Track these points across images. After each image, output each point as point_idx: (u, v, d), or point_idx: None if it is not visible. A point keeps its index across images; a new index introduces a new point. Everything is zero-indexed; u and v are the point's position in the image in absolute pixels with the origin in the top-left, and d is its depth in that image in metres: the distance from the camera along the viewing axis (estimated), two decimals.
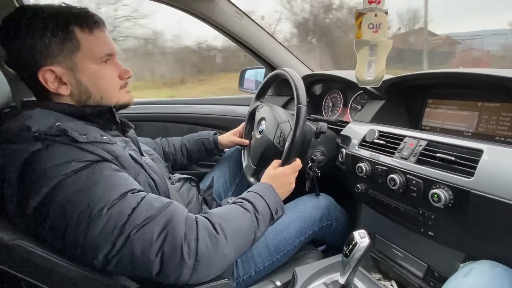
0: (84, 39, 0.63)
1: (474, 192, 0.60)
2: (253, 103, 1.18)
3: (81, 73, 0.64)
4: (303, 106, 0.85)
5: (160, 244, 0.52)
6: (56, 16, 0.61)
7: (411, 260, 0.84)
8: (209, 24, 1.29)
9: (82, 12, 0.64)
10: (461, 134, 0.84)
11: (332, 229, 1.03)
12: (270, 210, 0.71)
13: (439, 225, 0.71)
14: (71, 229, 0.51)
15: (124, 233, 0.51)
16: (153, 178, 0.70)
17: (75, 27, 0.62)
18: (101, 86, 0.67)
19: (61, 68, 0.62)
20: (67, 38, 0.62)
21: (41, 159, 0.53)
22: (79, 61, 0.64)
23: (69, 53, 0.62)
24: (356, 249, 0.67)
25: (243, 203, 0.69)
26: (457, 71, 0.80)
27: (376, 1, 0.67)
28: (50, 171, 0.52)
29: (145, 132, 1.39)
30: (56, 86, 0.63)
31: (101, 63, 0.67)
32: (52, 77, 0.62)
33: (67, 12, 0.63)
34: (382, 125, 0.92)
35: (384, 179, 0.79)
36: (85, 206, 0.51)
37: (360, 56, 0.71)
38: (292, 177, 0.85)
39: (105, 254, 0.51)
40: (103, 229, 0.51)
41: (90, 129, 0.62)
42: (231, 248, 0.59)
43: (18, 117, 0.58)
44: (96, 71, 0.66)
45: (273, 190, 0.76)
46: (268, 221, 0.70)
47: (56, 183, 0.51)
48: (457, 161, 0.66)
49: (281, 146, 0.96)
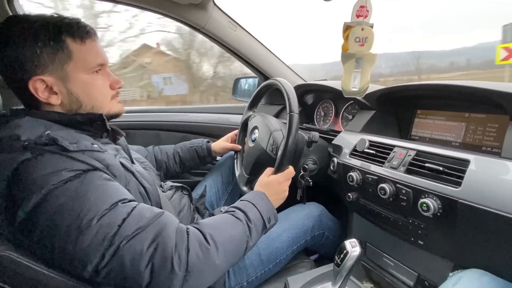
0: (76, 49, 0.64)
1: (461, 202, 0.61)
2: (245, 113, 1.19)
3: (72, 83, 0.64)
4: (295, 114, 0.86)
5: (150, 255, 0.52)
6: (48, 26, 0.61)
7: (401, 269, 0.84)
8: (203, 34, 1.30)
9: (73, 22, 0.64)
10: (449, 144, 0.86)
11: (324, 238, 1.04)
12: (263, 219, 0.71)
13: (429, 234, 0.72)
14: (60, 240, 0.51)
15: (113, 244, 0.51)
16: (144, 186, 0.70)
17: (67, 37, 0.63)
18: (92, 96, 0.68)
19: (52, 77, 0.62)
20: (59, 48, 0.62)
21: (30, 168, 0.52)
22: (70, 71, 0.64)
23: (61, 63, 0.62)
24: (348, 258, 0.67)
25: (235, 212, 0.68)
26: (444, 83, 0.82)
27: (363, 15, 0.69)
28: (39, 181, 0.51)
29: (138, 140, 1.39)
30: (46, 96, 0.63)
31: (92, 73, 0.67)
32: (43, 86, 0.62)
33: (59, 22, 0.63)
34: (372, 135, 0.93)
35: (375, 188, 0.80)
36: (75, 217, 0.51)
37: (346, 68, 0.72)
38: (285, 184, 0.85)
39: (94, 266, 0.51)
40: (92, 240, 0.50)
41: (81, 137, 0.61)
42: (222, 259, 0.58)
43: (7, 126, 0.58)
44: (87, 81, 0.66)
45: (266, 198, 0.76)
46: (260, 229, 0.70)
47: (46, 193, 0.51)
48: (445, 171, 0.67)
49: (274, 154, 0.96)
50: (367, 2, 0.68)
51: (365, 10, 0.69)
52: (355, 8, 0.68)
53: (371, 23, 0.69)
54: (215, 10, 1.25)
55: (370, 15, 0.68)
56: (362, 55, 0.70)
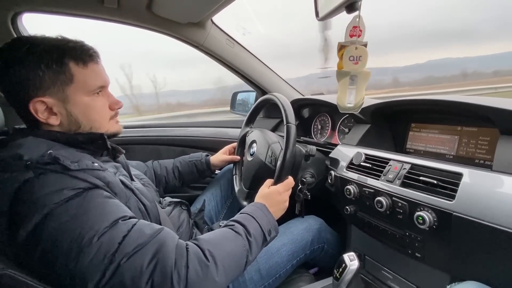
0: (78, 72, 0.65)
1: (455, 215, 0.63)
2: (243, 129, 1.21)
3: (72, 105, 0.66)
4: (292, 125, 0.88)
5: (150, 272, 0.52)
6: (52, 49, 0.63)
7: (400, 281, 0.85)
8: (201, 51, 1.33)
9: (77, 46, 0.66)
10: (443, 157, 0.88)
11: (323, 252, 1.04)
12: (263, 232, 0.71)
13: (425, 247, 0.73)
14: (61, 258, 0.51)
15: (114, 262, 0.51)
16: (144, 202, 0.71)
17: (70, 60, 0.64)
18: (92, 118, 0.69)
19: (53, 99, 0.64)
20: (61, 71, 0.63)
21: (33, 188, 0.53)
22: (71, 93, 0.65)
23: (62, 85, 0.64)
24: (346, 272, 0.68)
25: (235, 226, 0.69)
26: (437, 99, 0.85)
27: (357, 34, 0.72)
28: (41, 199, 0.52)
29: (137, 155, 1.40)
30: (46, 117, 0.64)
31: (93, 95, 0.69)
32: (43, 107, 0.63)
33: (63, 46, 0.64)
34: (368, 148, 0.95)
35: (372, 201, 0.81)
36: (76, 235, 0.51)
37: (341, 85, 0.75)
38: (285, 195, 0.85)
39: (95, 284, 0.51)
40: (93, 258, 0.51)
41: (82, 156, 0.62)
42: (221, 274, 0.59)
43: (10, 145, 0.59)
44: (87, 103, 0.68)
45: (266, 210, 0.77)
46: (261, 243, 0.70)
47: (47, 212, 0.51)
48: (439, 184, 0.69)
49: (273, 166, 0.98)
50: (360, 22, 0.71)
51: (358, 30, 0.71)
52: (348, 29, 0.71)
53: (365, 42, 0.72)
54: (213, 28, 1.29)
55: (364, 34, 0.71)
56: (356, 72, 0.73)
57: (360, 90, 0.74)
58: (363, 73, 0.72)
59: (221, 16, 1.21)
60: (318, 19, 0.75)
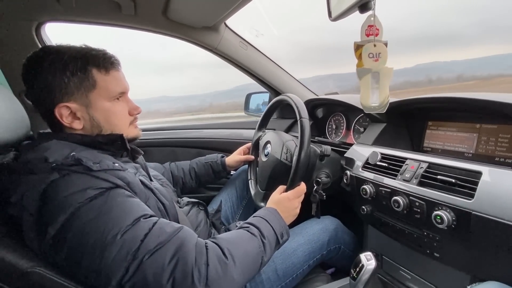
0: (100, 79, 0.69)
1: (475, 214, 0.62)
2: (256, 134, 1.23)
3: (94, 110, 0.69)
4: (306, 119, 0.89)
5: (172, 269, 0.53)
6: (76, 57, 0.67)
7: (419, 282, 0.84)
8: (215, 54, 1.36)
9: (100, 54, 0.70)
10: (462, 155, 0.87)
11: (340, 252, 1.04)
12: (276, 234, 0.72)
13: (444, 247, 0.72)
14: (86, 255, 0.53)
15: (137, 259, 0.53)
16: (163, 202, 0.73)
17: (93, 68, 0.68)
18: (112, 122, 0.72)
19: (76, 104, 0.67)
20: (84, 78, 0.67)
21: (59, 188, 0.56)
22: (93, 98, 0.69)
23: (86, 91, 0.67)
24: (363, 271, 0.68)
25: (250, 227, 0.70)
26: (456, 96, 0.84)
27: (374, 33, 0.71)
28: (67, 199, 0.55)
29: (155, 157, 1.44)
30: (70, 121, 0.68)
31: (114, 100, 0.72)
32: (67, 112, 0.67)
33: (87, 54, 0.68)
34: (384, 148, 0.95)
35: (388, 201, 0.81)
36: (100, 233, 0.53)
37: (363, 83, 0.72)
38: (296, 201, 0.85)
39: (119, 280, 0.53)
40: (116, 255, 0.53)
41: (103, 157, 0.65)
42: (239, 273, 0.60)
43: (36, 148, 0.62)
44: (108, 108, 0.71)
45: (278, 214, 0.78)
46: (274, 245, 0.72)
47: (73, 211, 0.54)
48: (458, 183, 0.68)
49: (289, 162, 0.98)
50: (375, 21, 0.70)
51: (374, 29, 0.70)
52: (363, 28, 0.69)
53: (385, 41, 0.69)
54: (226, 32, 1.31)
55: (381, 33, 0.70)
56: (377, 69, 0.71)
57: (383, 88, 0.71)
58: (384, 69, 0.70)
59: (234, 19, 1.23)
60: (331, 19, 0.75)
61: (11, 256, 0.57)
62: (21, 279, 0.57)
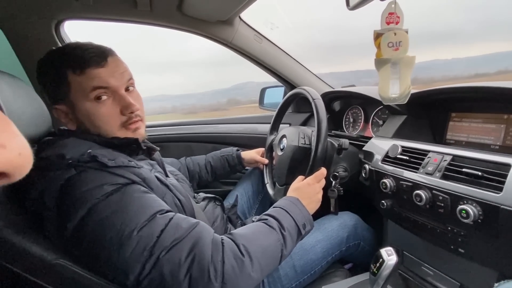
0: (73, 80, 0.66)
1: (503, 208, 0.59)
2: (268, 138, 1.22)
3: (77, 111, 0.68)
4: (319, 99, 0.88)
5: (188, 266, 0.53)
6: (54, 61, 0.68)
7: (442, 278, 0.81)
8: (230, 48, 1.35)
9: (78, 53, 0.66)
10: (488, 147, 0.83)
11: (359, 249, 1.02)
12: (297, 225, 0.70)
13: (470, 242, 0.69)
14: (104, 250, 0.54)
15: (153, 255, 0.53)
16: (179, 198, 0.73)
17: (67, 69, 0.66)
18: (96, 124, 0.68)
19: (65, 106, 0.69)
20: (60, 82, 0.66)
21: (76, 184, 0.56)
22: (74, 100, 0.67)
23: (65, 93, 0.67)
24: (384, 267, 0.67)
25: (268, 220, 0.69)
26: (482, 85, 0.80)
27: (394, 21, 0.68)
28: (84, 195, 0.55)
29: (172, 152, 1.45)
30: (66, 122, 0.70)
31: (94, 100, 0.67)
32: (62, 114, 0.70)
33: (64, 56, 0.67)
34: (405, 140, 0.92)
35: (410, 195, 0.78)
36: (117, 229, 0.54)
37: (381, 74, 0.70)
38: (317, 186, 0.83)
39: (136, 276, 0.53)
40: (133, 251, 0.53)
41: (118, 155, 0.66)
42: (257, 269, 0.59)
43: (54, 145, 0.63)
44: (89, 109, 0.67)
45: (300, 203, 0.76)
46: (295, 237, 0.70)
47: (90, 207, 0.55)
48: (485, 176, 0.65)
49: (308, 145, 0.98)
50: (396, 8, 0.67)
51: (395, 17, 0.67)
52: (384, 15, 0.67)
53: (406, 29, 0.67)
54: (241, 25, 1.30)
55: (402, 21, 0.67)
56: (397, 59, 0.68)
57: (404, 78, 0.68)
58: (405, 59, 0.67)
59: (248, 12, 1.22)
60: (349, 8, 0.72)
61: (36, 248, 0.58)
62: (47, 271, 0.59)
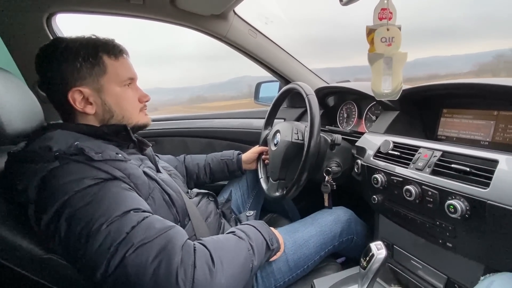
0: (110, 64, 0.72)
1: (490, 203, 0.60)
2: (262, 133, 1.23)
3: (106, 94, 0.72)
4: (312, 95, 0.90)
5: (154, 268, 0.51)
6: (88, 45, 0.70)
7: (430, 271, 0.83)
8: (224, 43, 1.34)
9: (109, 42, 0.73)
10: (478, 144, 0.84)
11: (353, 243, 1.03)
12: (264, 238, 0.74)
13: (457, 236, 0.70)
14: (74, 243, 0.53)
15: (119, 252, 0.51)
16: (168, 193, 0.74)
17: (103, 54, 0.71)
18: (124, 107, 0.75)
19: (89, 89, 0.70)
20: (95, 63, 0.70)
21: (57, 176, 0.56)
22: (105, 83, 0.71)
23: (97, 76, 0.70)
24: (373, 261, 0.68)
25: (236, 232, 0.71)
26: (473, 82, 0.80)
27: (387, 17, 0.68)
28: (63, 187, 0.55)
29: (166, 147, 1.45)
30: (83, 106, 0.70)
31: (124, 86, 0.75)
32: (80, 97, 0.69)
33: (97, 42, 0.71)
34: (397, 136, 0.93)
35: (400, 190, 0.79)
36: (87, 221, 0.52)
37: (374, 69, 0.70)
38: None
39: (102, 273, 0.51)
40: (100, 245, 0.51)
41: (106, 147, 0.66)
42: (228, 276, 0.57)
43: (42, 138, 0.64)
44: (119, 93, 0.74)
45: (265, 225, 0.80)
46: (264, 250, 0.73)
47: (66, 199, 0.54)
48: (473, 172, 0.66)
49: (301, 140, 0.99)
50: (389, 4, 0.67)
51: (387, 12, 0.67)
52: (376, 11, 0.67)
53: (398, 25, 0.67)
54: (235, 19, 1.29)
55: (395, 17, 0.67)
56: (390, 54, 0.68)
57: (397, 74, 0.69)
58: (398, 54, 0.67)
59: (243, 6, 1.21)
60: (342, 3, 0.72)
61: (27, 243, 0.59)
62: (38, 265, 0.59)
